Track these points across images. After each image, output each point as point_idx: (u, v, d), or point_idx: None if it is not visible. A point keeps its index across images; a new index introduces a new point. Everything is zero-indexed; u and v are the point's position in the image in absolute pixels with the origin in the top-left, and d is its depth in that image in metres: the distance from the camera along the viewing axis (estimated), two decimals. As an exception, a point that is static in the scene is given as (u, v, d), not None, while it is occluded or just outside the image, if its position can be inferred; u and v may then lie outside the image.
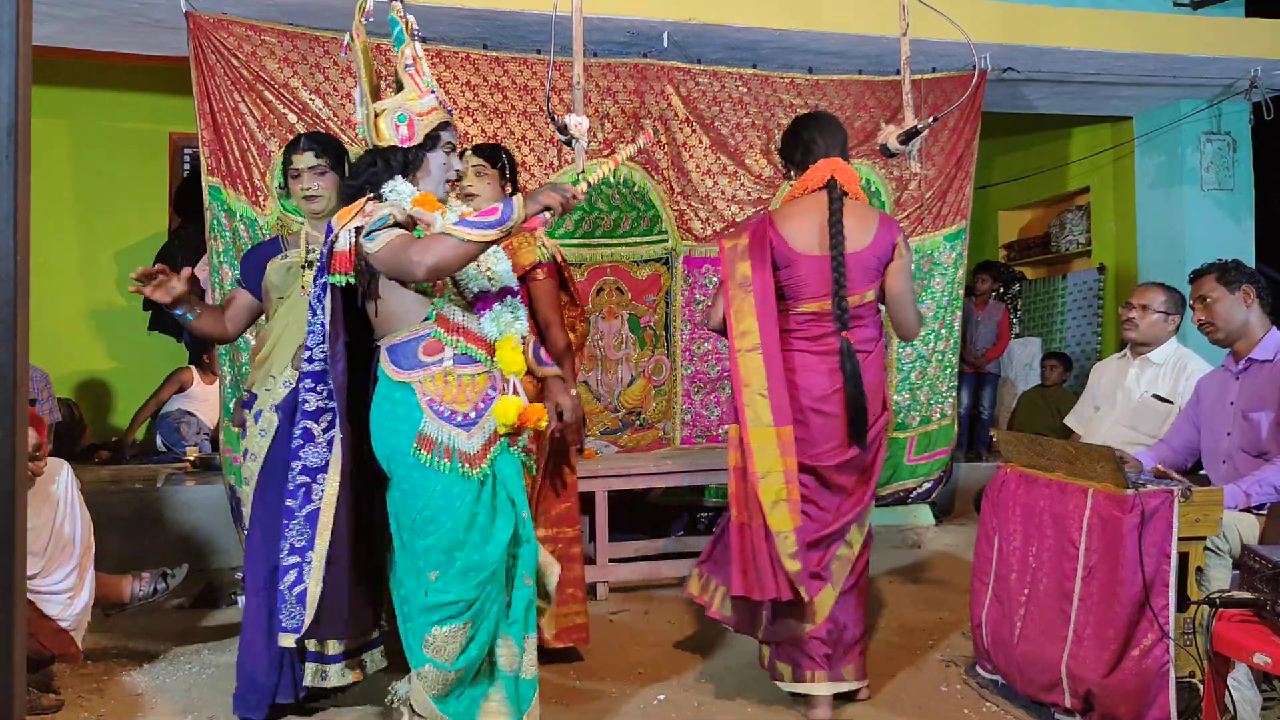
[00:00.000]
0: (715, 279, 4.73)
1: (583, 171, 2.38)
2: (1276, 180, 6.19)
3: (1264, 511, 2.73)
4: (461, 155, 2.81)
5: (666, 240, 4.71)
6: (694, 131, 4.73)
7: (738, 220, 4.76)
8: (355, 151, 4.26)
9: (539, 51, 4.45)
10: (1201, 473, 3.16)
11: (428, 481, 2.26)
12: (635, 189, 4.64)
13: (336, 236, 2.22)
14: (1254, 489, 2.78)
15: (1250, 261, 5.60)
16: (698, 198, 4.74)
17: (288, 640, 2.35)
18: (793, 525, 2.66)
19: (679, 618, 3.71)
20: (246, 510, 2.79)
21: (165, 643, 3.38)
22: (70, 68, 5.85)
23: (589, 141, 4.01)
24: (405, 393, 2.30)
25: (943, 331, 5.15)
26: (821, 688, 2.75)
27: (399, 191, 2.30)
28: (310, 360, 2.31)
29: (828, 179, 2.80)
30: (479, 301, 2.37)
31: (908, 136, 3.02)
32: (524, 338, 2.45)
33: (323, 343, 2.29)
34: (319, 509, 2.31)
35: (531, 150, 4.41)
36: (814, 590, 2.74)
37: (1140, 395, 3.58)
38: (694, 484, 4.52)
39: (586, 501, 3.94)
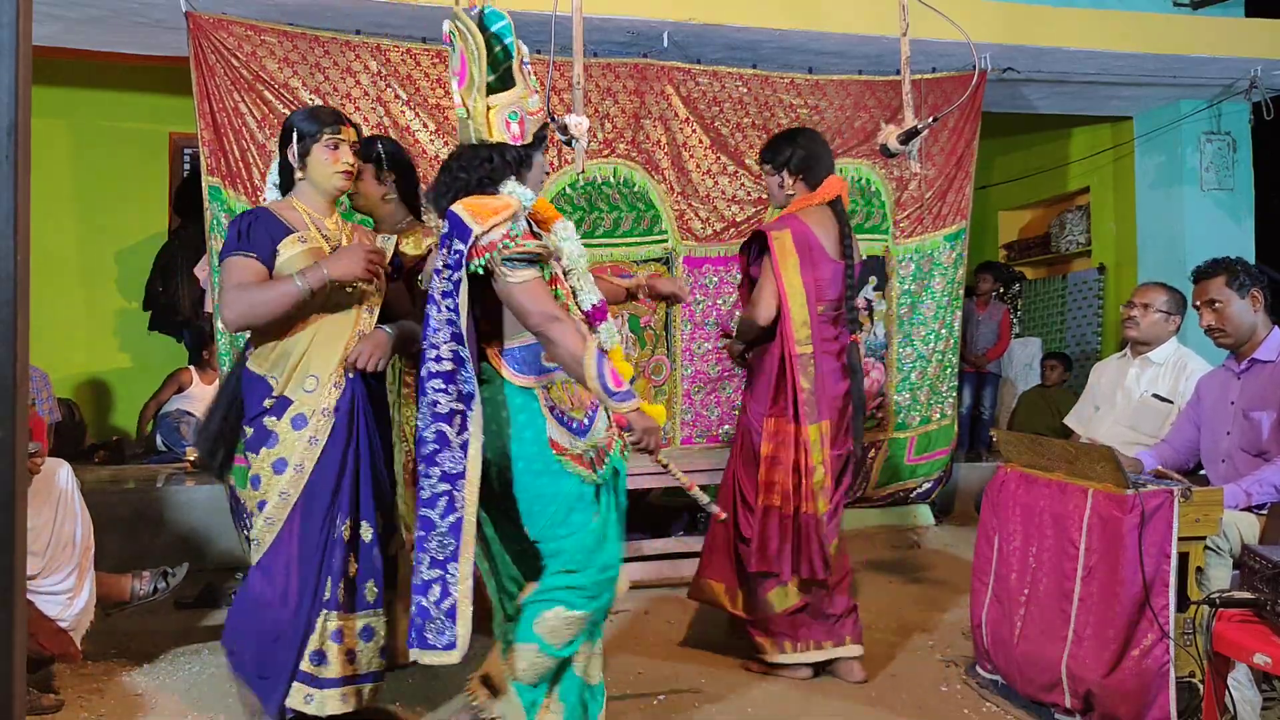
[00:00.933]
0: (716, 279, 4.74)
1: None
2: (1276, 180, 6.19)
3: (1264, 511, 2.73)
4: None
5: (666, 240, 4.71)
6: (694, 131, 4.73)
7: (738, 220, 4.76)
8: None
9: (539, 51, 4.42)
10: (1202, 473, 3.16)
11: (559, 485, 2.26)
12: (635, 189, 4.64)
13: (483, 233, 2.14)
14: (1254, 488, 2.78)
15: (1250, 262, 5.60)
16: (698, 198, 4.74)
17: (440, 658, 2.18)
18: (825, 511, 3.04)
19: (679, 618, 3.71)
20: (264, 520, 2.48)
21: (165, 643, 3.38)
22: (70, 68, 5.85)
23: (589, 141, 4.02)
24: (527, 398, 2.28)
25: (942, 331, 5.15)
26: (812, 655, 3.07)
27: (518, 193, 2.27)
28: (439, 360, 2.19)
29: (837, 194, 3.12)
30: (592, 313, 2.41)
31: (908, 136, 3.03)
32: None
33: (451, 341, 2.18)
34: (462, 518, 2.18)
35: (531, 150, 4.41)
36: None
37: (1140, 395, 3.58)
38: (703, 484, 4.50)
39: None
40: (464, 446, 2.17)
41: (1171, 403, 3.48)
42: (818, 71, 4.93)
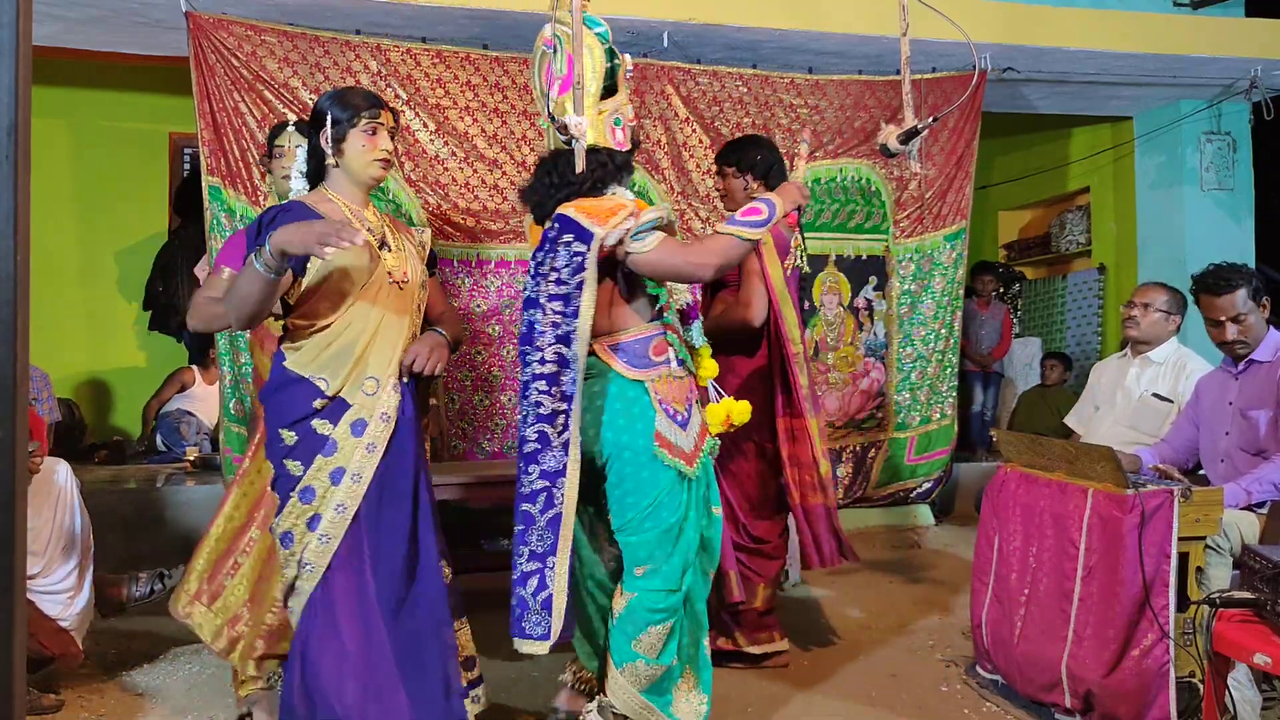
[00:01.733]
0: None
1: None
2: (1276, 180, 6.18)
3: (1264, 511, 2.73)
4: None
5: (666, 240, 4.71)
6: (694, 131, 4.73)
7: (738, 220, 4.76)
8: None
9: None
10: (1201, 472, 3.16)
11: (657, 478, 2.32)
12: (635, 189, 4.61)
13: (607, 234, 2.23)
14: (1254, 487, 2.78)
15: (1250, 262, 5.60)
16: (698, 197, 4.74)
17: (535, 647, 2.23)
18: (834, 502, 3.21)
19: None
20: (318, 539, 2.19)
21: (165, 643, 3.38)
22: (70, 68, 5.85)
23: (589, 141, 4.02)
24: (639, 391, 2.35)
25: (942, 331, 5.15)
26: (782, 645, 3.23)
27: (623, 195, 2.39)
28: (543, 362, 2.25)
29: None
30: (687, 310, 2.57)
31: (908, 136, 3.02)
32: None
33: (556, 344, 2.23)
34: (560, 513, 2.24)
35: (532, 150, 4.41)
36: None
37: (1140, 394, 3.58)
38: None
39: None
40: (565, 445, 2.24)
41: (1171, 402, 3.48)
42: (818, 71, 4.93)
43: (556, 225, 2.28)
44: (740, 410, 2.56)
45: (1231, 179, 5.90)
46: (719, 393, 2.61)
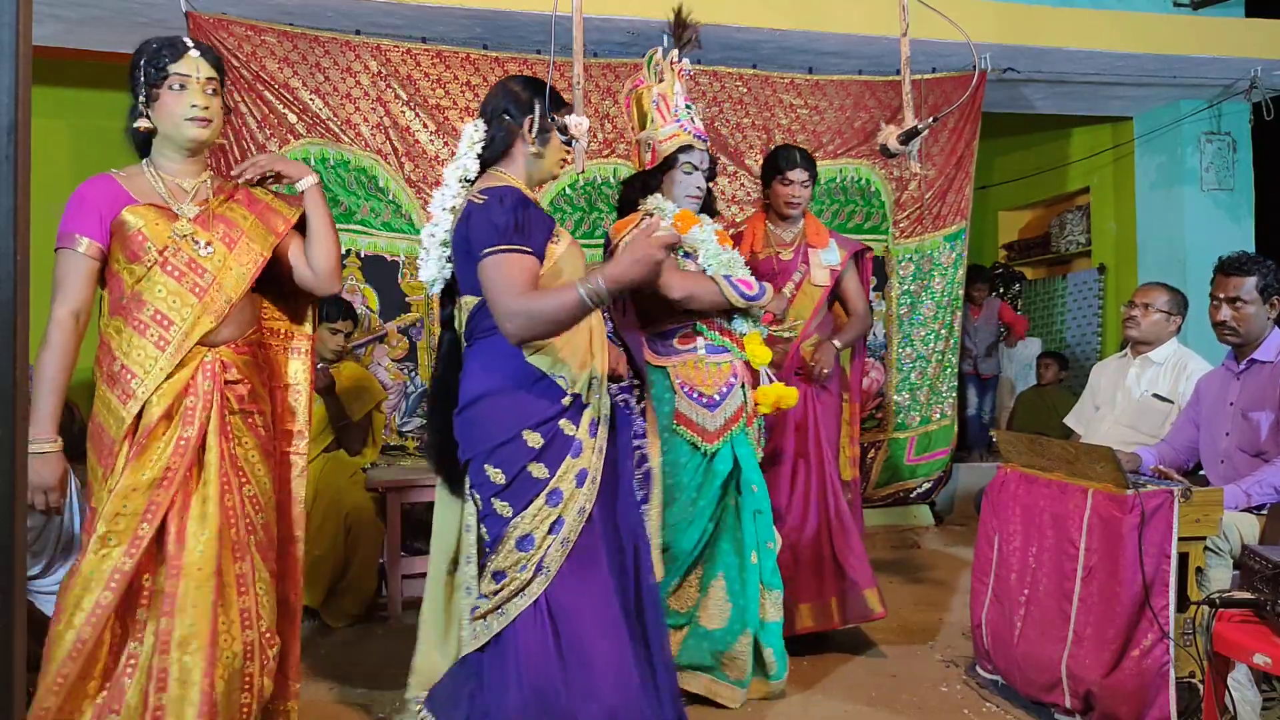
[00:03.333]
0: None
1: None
2: (1276, 180, 6.18)
3: (1264, 511, 2.73)
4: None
5: (666, 240, 4.71)
6: (694, 131, 4.73)
7: (738, 220, 4.75)
8: (350, 150, 4.28)
9: (539, 51, 4.44)
10: (1201, 473, 3.15)
11: (676, 450, 2.74)
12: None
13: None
14: (1254, 489, 2.78)
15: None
16: (698, 198, 4.74)
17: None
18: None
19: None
20: (560, 542, 2.07)
21: (165, 643, 3.37)
22: (70, 68, 5.84)
23: (589, 142, 4.01)
24: (661, 375, 2.81)
25: (942, 331, 5.15)
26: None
27: (661, 208, 2.85)
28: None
29: None
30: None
31: (908, 136, 3.02)
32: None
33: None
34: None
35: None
36: None
37: (1140, 395, 3.58)
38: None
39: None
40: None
41: (1172, 402, 3.48)
42: (818, 71, 4.93)
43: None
44: (788, 395, 2.82)
45: (1231, 179, 5.90)
46: (770, 377, 2.87)
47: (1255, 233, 5.94)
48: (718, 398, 2.78)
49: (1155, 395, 3.54)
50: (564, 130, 2.30)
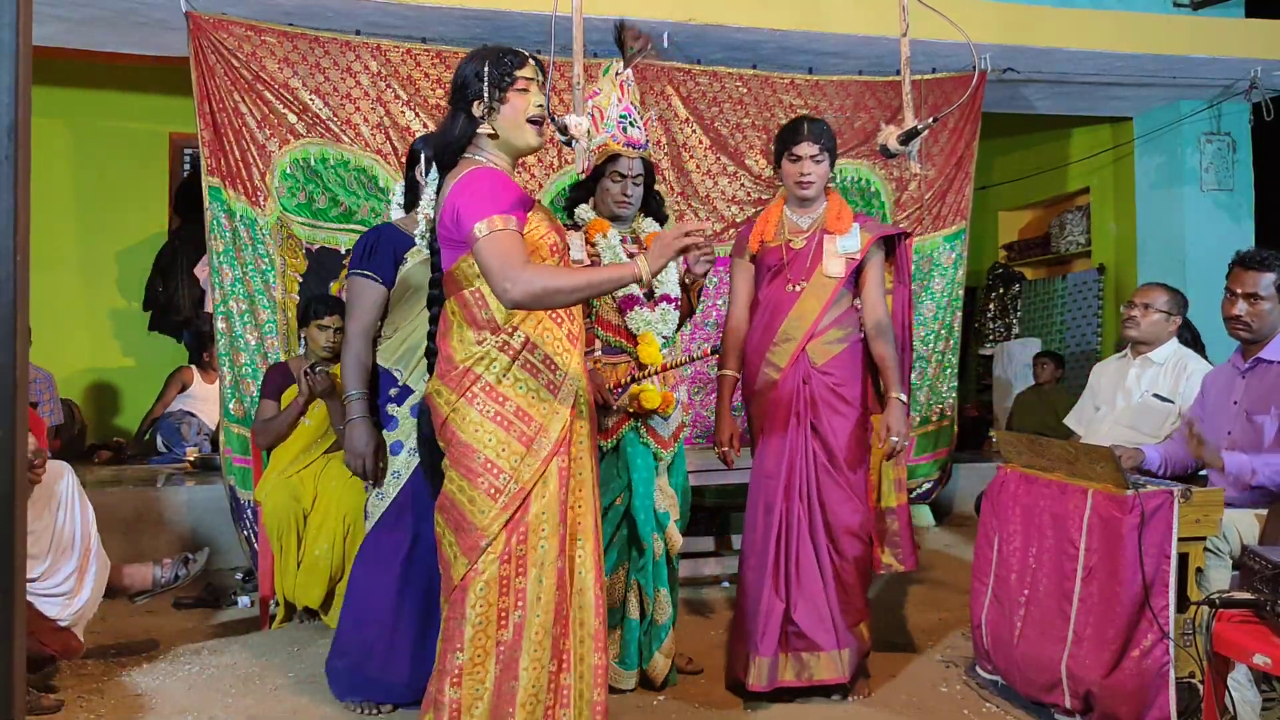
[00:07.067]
0: (716, 279, 4.73)
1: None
2: (1276, 180, 6.18)
3: (1264, 511, 2.73)
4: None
5: (666, 240, 4.71)
6: (694, 131, 4.73)
7: (737, 221, 4.76)
8: (350, 150, 4.28)
9: (539, 51, 4.43)
10: (1203, 473, 3.15)
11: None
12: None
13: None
14: (1263, 468, 2.74)
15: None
16: (698, 198, 4.74)
17: None
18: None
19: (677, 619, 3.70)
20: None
21: (165, 643, 3.38)
22: (70, 68, 5.85)
23: (589, 142, 4.02)
24: None
25: (942, 332, 5.15)
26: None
27: (584, 218, 2.94)
28: None
29: None
30: (625, 303, 2.86)
31: (908, 137, 3.02)
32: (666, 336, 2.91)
33: None
34: None
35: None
36: None
37: (1140, 395, 3.58)
38: (694, 484, 4.49)
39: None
40: None
41: (1172, 403, 3.47)
42: (818, 72, 4.93)
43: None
44: (648, 395, 2.82)
45: (1231, 179, 5.90)
46: (646, 377, 2.81)
47: (1255, 233, 5.94)
48: (613, 395, 2.82)
49: (1156, 396, 3.53)
50: (564, 130, 2.30)
